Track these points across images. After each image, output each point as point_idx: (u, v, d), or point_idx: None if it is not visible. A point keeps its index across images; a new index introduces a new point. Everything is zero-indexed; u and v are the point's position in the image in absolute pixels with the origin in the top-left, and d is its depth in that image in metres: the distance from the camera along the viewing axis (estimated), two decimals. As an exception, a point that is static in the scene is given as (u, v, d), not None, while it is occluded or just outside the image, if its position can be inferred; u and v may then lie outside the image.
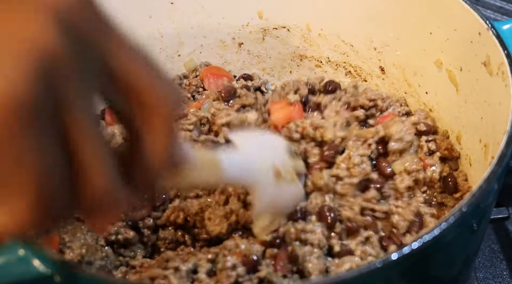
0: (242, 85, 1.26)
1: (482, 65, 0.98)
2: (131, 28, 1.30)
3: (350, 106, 1.17)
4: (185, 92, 1.26)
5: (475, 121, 1.03)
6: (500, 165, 0.78)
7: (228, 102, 1.22)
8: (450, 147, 1.11)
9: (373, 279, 0.71)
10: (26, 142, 0.48)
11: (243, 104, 1.20)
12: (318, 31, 1.30)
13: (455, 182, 1.06)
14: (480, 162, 1.00)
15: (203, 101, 1.21)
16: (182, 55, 1.34)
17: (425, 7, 1.11)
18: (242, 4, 1.29)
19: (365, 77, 1.29)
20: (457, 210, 0.73)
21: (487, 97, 0.98)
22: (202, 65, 1.34)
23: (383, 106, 1.17)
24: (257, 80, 1.32)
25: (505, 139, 0.81)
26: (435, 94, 1.17)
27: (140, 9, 1.23)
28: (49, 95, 0.49)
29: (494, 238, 1.22)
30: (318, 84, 1.22)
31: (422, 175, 1.04)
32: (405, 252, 0.69)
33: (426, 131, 1.10)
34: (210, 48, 1.35)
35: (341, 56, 1.30)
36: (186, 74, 1.34)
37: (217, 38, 1.34)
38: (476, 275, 1.15)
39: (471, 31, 1.01)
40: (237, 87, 1.25)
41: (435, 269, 0.80)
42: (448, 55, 1.10)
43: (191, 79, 1.30)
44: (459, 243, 0.83)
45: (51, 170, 0.50)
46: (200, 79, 1.29)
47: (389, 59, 1.24)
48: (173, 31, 1.28)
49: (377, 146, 1.05)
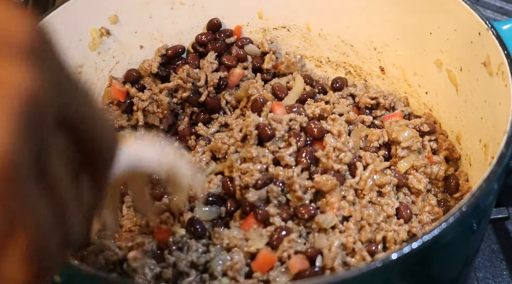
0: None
1: (482, 65, 0.98)
2: (131, 28, 1.31)
3: (356, 105, 1.20)
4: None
5: (475, 121, 1.03)
6: (500, 165, 0.78)
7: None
8: (452, 147, 1.11)
9: (373, 279, 0.71)
10: (19, 198, 0.45)
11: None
12: (318, 31, 1.30)
13: (457, 183, 1.06)
14: (480, 162, 1.00)
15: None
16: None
17: (425, 7, 1.11)
18: (242, 4, 1.29)
19: (365, 77, 1.29)
20: (457, 210, 0.73)
21: (487, 97, 0.98)
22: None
23: (385, 103, 1.18)
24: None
25: (505, 139, 0.81)
26: (435, 94, 1.17)
27: (140, 9, 1.23)
28: (34, 142, 0.46)
29: (494, 238, 1.22)
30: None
31: (430, 169, 1.06)
32: (405, 252, 0.70)
33: (429, 131, 1.11)
34: (210, 48, 1.35)
35: (341, 56, 1.30)
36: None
37: (217, 38, 1.34)
38: (476, 275, 1.15)
39: (471, 31, 1.01)
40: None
41: (435, 269, 0.80)
42: (448, 55, 1.10)
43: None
44: (459, 243, 0.83)
45: (42, 221, 0.48)
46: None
47: (389, 59, 1.24)
48: (173, 31, 1.28)
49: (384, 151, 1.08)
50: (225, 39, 1.27)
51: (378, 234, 0.95)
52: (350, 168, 1.02)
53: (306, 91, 1.20)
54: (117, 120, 1.19)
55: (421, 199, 1.04)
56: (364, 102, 1.19)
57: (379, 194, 1.01)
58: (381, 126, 1.14)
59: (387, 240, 0.95)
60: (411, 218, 0.99)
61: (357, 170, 1.01)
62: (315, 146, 1.04)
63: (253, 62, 1.29)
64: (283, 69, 1.27)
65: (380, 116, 1.18)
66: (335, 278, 0.74)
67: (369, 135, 1.09)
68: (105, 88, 1.22)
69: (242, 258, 0.92)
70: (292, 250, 0.92)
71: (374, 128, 1.12)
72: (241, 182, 1.01)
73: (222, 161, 1.08)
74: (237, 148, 1.05)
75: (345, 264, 0.91)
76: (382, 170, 1.02)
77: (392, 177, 1.02)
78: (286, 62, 1.27)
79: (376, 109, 1.19)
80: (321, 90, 1.24)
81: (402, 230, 0.97)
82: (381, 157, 1.06)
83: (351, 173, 1.02)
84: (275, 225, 0.95)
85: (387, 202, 0.99)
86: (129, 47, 1.24)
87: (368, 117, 1.14)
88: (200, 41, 1.27)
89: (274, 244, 0.93)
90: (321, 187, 0.97)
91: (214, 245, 0.96)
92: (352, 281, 0.69)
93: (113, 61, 1.23)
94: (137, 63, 1.26)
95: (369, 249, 0.93)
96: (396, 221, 0.98)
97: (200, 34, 1.27)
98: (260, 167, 1.00)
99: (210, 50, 1.25)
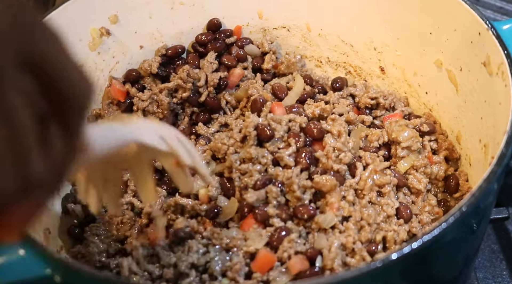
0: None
1: (482, 65, 0.98)
2: (131, 28, 1.31)
3: (356, 105, 1.20)
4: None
5: (475, 121, 1.03)
6: (500, 165, 0.78)
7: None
8: (451, 147, 1.11)
9: (373, 279, 0.71)
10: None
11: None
12: (318, 31, 1.30)
13: (457, 183, 1.06)
14: (480, 162, 1.00)
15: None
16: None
17: (425, 7, 1.11)
18: (242, 4, 1.29)
19: (365, 77, 1.29)
20: (457, 210, 0.73)
21: (487, 97, 0.98)
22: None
23: (385, 103, 1.18)
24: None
25: (505, 139, 0.81)
26: (435, 94, 1.17)
27: (140, 9, 1.23)
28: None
29: (494, 238, 1.22)
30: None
31: (430, 169, 1.06)
32: (405, 252, 0.69)
33: (429, 131, 1.11)
34: (210, 48, 1.35)
35: (341, 56, 1.30)
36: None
37: (217, 38, 1.34)
38: (476, 275, 1.15)
39: (471, 31, 1.01)
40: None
41: (435, 269, 0.80)
42: (448, 55, 1.10)
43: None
44: (459, 243, 0.83)
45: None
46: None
47: (389, 59, 1.24)
48: (173, 31, 1.27)
49: (383, 152, 1.08)
50: (225, 39, 1.27)
51: (378, 234, 0.95)
52: (350, 168, 1.02)
53: (306, 91, 1.20)
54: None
55: (421, 199, 1.04)
56: (364, 102, 1.19)
57: (379, 194, 1.01)
58: (381, 126, 1.14)
59: (387, 240, 0.95)
60: (411, 218, 0.99)
61: (357, 170, 1.01)
62: (315, 146, 1.04)
63: (253, 62, 1.29)
64: (283, 69, 1.27)
65: (380, 116, 1.18)
66: (335, 278, 0.74)
67: (369, 136, 1.10)
68: (105, 88, 1.22)
69: (242, 259, 0.92)
70: (292, 250, 0.92)
71: (374, 128, 1.12)
72: (240, 182, 1.01)
73: (222, 161, 1.08)
74: (237, 148, 1.05)
75: (345, 264, 0.91)
76: (382, 170, 1.02)
77: (392, 177, 1.02)
78: (286, 62, 1.27)
79: (376, 109, 1.20)
80: (321, 90, 1.24)
81: (402, 230, 0.97)
82: (381, 157, 1.06)
83: (351, 173, 1.02)
84: (275, 225, 0.95)
85: (387, 202, 0.99)
86: (129, 47, 1.24)
87: (368, 118, 1.15)
88: (200, 41, 1.27)
89: (274, 244, 0.93)
90: (320, 187, 0.97)
91: (214, 245, 0.96)
92: (352, 281, 0.69)
93: (113, 61, 1.23)
94: (137, 63, 1.26)
95: (369, 249, 0.93)
96: (396, 221, 0.98)
97: (200, 34, 1.27)
98: (259, 168, 1.00)
99: (210, 50, 1.25)
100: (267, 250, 0.93)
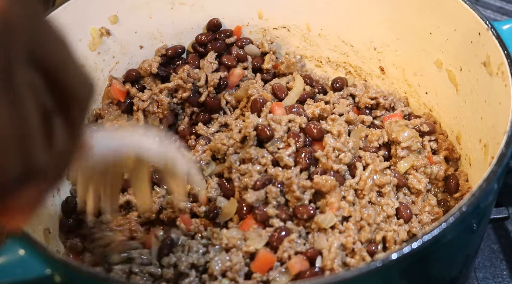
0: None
1: (482, 65, 0.98)
2: (131, 28, 1.31)
3: (355, 105, 1.20)
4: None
5: (475, 121, 1.03)
6: (500, 165, 0.78)
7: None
8: (451, 147, 1.11)
9: (373, 279, 0.71)
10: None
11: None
12: (318, 31, 1.30)
13: (457, 183, 1.06)
14: (480, 162, 1.00)
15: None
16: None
17: (425, 7, 1.11)
18: (242, 4, 1.29)
19: (365, 77, 1.29)
20: (457, 210, 0.73)
21: (487, 97, 0.98)
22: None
23: (385, 103, 1.18)
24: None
25: (505, 139, 0.81)
26: (435, 94, 1.17)
27: (140, 9, 1.23)
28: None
29: (494, 238, 1.22)
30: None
31: (430, 169, 1.06)
32: (405, 252, 0.69)
33: (429, 131, 1.11)
34: (210, 48, 1.35)
35: (341, 56, 1.30)
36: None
37: (217, 38, 1.34)
38: (476, 275, 1.15)
39: (471, 31, 1.01)
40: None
41: (435, 269, 0.80)
42: (448, 55, 1.10)
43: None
44: (459, 243, 0.83)
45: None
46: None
47: (389, 59, 1.24)
48: (173, 31, 1.28)
49: (383, 152, 1.08)
50: (225, 39, 1.27)
51: (378, 234, 0.95)
52: (350, 168, 1.02)
53: (306, 91, 1.20)
54: (117, 120, 1.19)
55: (421, 199, 1.04)
56: (364, 103, 1.19)
57: (379, 194, 1.01)
58: (381, 126, 1.14)
59: (387, 240, 0.95)
60: (411, 218, 0.99)
61: (357, 170, 1.01)
62: (314, 146, 1.04)
63: (253, 62, 1.29)
64: (283, 70, 1.27)
65: (380, 117, 1.18)
66: (335, 278, 0.74)
67: (369, 136, 1.09)
68: (105, 88, 1.22)
69: (241, 259, 0.92)
70: (292, 251, 0.92)
71: (374, 128, 1.12)
72: (240, 183, 1.01)
73: (221, 161, 1.08)
74: (236, 149, 1.05)
75: (345, 264, 0.91)
76: (382, 170, 1.02)
77: (392, 177, 1.02)
78: (286, 62, 1.27)
79: (376, 109, 1.20)
80: (321, 90, 1.24)
81: (402, 230, 0.97)
82: (381, 157, 1.06)
83: (351, 173, 1.02)
84: (274, 226, 0.95)
85: (387, 202, 0.99)
86: (129, 47, 1.24)
87: (368, 118, 1.15)
88: (200, 41, 1.27)
89: (274, 245, 0.93)
90: (320, 187, 0.97)
91: (213, 246, 0.96)
92: (352, 281, 0.69)
93: (113, 61, 1.23)
94: (137, 63, 1.26)
95: (369, 249, 0.93)
96: (396, 221, 0.98)
97: (200, 34, 1.27)
98: (259, 168, 1.00)
99: (210, 50, 1.25)
100: (267, 250, 0.93)
